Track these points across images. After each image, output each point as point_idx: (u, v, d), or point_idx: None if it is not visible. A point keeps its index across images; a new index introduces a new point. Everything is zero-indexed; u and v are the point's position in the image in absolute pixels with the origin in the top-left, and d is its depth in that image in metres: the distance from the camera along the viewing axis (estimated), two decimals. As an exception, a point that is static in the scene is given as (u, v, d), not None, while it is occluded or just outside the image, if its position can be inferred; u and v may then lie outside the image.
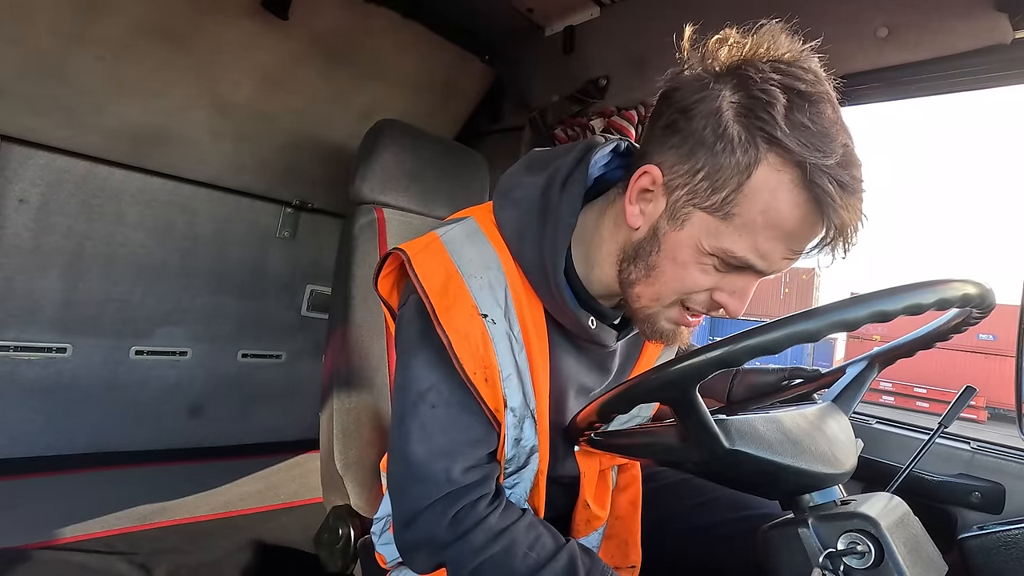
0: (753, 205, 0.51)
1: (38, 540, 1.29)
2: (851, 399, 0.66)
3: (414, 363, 0.61)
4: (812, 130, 0.48)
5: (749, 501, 0.80)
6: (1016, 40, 0.97)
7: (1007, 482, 0.99)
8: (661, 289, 0.58)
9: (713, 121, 0.51)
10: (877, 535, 0.50)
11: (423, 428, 0.59)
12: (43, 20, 1.33)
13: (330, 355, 1.08)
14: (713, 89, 0.52)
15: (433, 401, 0.59)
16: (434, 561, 0.60)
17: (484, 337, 0.59)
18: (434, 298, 0.58)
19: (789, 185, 0.50)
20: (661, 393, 0.50)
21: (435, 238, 0.63)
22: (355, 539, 0.95)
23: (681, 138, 0.54)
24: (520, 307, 0.62)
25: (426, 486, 0.58)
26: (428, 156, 1.27)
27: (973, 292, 0.51)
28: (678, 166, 0.54)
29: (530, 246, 0.61)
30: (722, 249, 0.53)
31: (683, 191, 0.54)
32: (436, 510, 0.58)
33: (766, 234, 0.52)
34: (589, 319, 0.64)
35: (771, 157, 0.50)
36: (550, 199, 0.61)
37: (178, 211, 1.87)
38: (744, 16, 0.64)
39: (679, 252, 0.55)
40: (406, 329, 0.63)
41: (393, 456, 0.62)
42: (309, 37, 1.60)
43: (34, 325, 1.68)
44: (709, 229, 0.53)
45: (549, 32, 1.73)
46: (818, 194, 0.49)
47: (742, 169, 0.50)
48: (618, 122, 1.49)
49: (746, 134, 0.50)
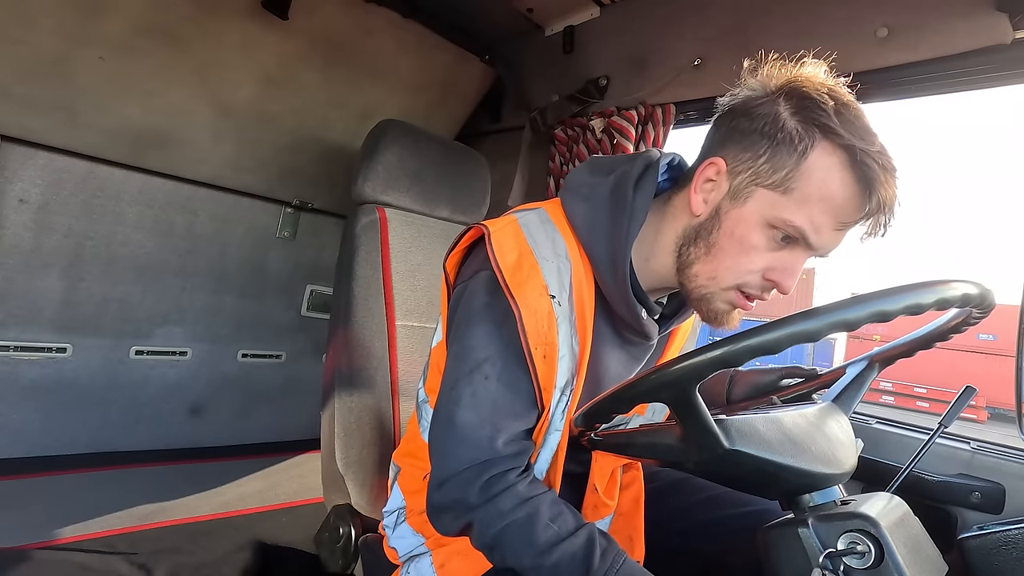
0: (809, 181, 0.59)
1: (38, 540, 1.29)
2: (851, 399, 0.66)
3: (474, 333, 0.64)
4: (856, 124, 0.58)
5: (749, 498, 0.81)
6: (1016, 40, 0.97)
7: (1007, 482, 0.99)
8: (718, 267, 0.64)
9: (772, 119, 0.60)
10: (877, 535, 0.50)
11: (474, 396, 0.62)
12: (45, 20, 1.33)
13: (331, 354, 1.08)
14: (770, 98, 0.62)
15: (487, 372, 0.63)
16: (461, 522, 0.62)
17: (550, 316, 0.63)
18: (507, 273, 0.63)
19: (839, 166, 0.58)
20: (661, 393, 0.50)
21: (513, 219, 0.68)
22: (356, 538, 0.95)
23: (742, 134, 0.62)
24: (579, 295, 0.67)
25: (467, 450, 0.61)
26: (430, 156, 1.27)
27: (973, 292, 0.51)
28: (741, 155, 0.62)
29: (601, 237, 0.67)
30: (782, 219, 0.60)
31: (746, 174, 0.62)
32: (471, 473, 0.61)
33: (820, 207, 0.59)
34: (642, 310, 0.70)
35: (824, 143, 0.58)
36: (623, 196, 0.67)
37: (178, 211, 1.87)
38: (744, 16, 0.66)
39: (738, 226, 0.62)
40: (470, 300, 0.66)
41: (439, 419, 0.65)
42: (309, 37, 1.60)
43: (34, 325, 1.68)
44: (771, 202, 0.61)
45: (549, 32, 1.73)
46: (865, 173, 0.57)
47: (800, 152, 0.59)
48: (618, 122, 1.49)
49: (802, 126, 0.59)
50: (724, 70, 1.32)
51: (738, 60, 0.67)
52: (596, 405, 0.60)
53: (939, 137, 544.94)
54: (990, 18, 0.97)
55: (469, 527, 0.62)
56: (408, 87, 1.85)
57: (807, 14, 1.18)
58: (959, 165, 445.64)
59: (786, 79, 0.62)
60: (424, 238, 1.24)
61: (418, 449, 0.80)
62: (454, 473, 0.61)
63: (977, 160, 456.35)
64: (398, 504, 0.82)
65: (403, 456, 0.84)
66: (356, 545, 0.94)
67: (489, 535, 0.60)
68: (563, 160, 1.68)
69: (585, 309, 0.68)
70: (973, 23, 0.99)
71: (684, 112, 1.46)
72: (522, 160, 1.80)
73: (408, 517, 0.79)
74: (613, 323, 0.72)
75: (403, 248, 1.19)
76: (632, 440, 0.60)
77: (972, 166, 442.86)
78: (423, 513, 0.76)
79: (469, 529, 0.63)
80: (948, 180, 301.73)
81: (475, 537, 0.62)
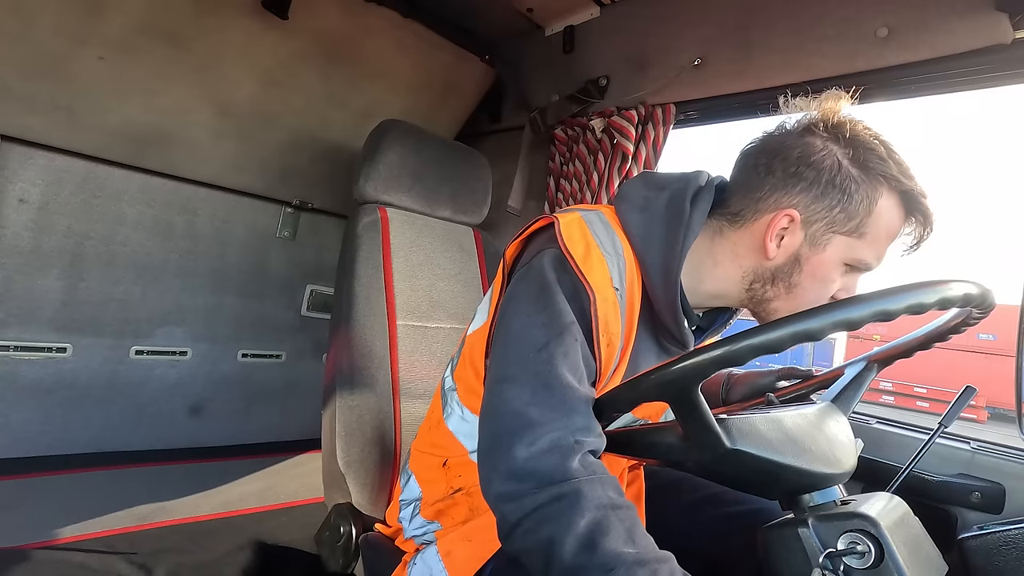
0: (879, 225, 0.67)
1: (38, 540, 1.29)
2: (850, 399, 0.66)
3: (557, 299, 0.62)
4: (903, 166, 0.66)
5: (749, 497, 0.81)
6: (1016, 40, 0.97)
7: (1007, 482, 0.99)
8: (801, 302, 0.70)
9: (837, 170, 0.66)
10: (877, 535, 0.50)
11: (567, 356, 0.60)
12: (45, 20, 1.33)
13: (332, 354, 1.08)
14: (827, 147, 0.67)
15: (575, 338, 0.61)
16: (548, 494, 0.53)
17: (616, 306, 0.66)
18: (579, 260, 0.64)
19: (898, 207, 0.68)
20: (662, 392, 0.50)
21: (577, 215, 0.70)
22: (357, 537, 0.95)
23: (809, 184, 0.67)
24: (631, 296, 0.69)
25: (565, 410, 0.57)
26: (431, 156, 1.27)
27: (974, 292, 0.51)
28: (814, 205, 0.67)
29: (656, 246, 0.70)
30: (857, 259, 0.69)
31: (822, 223, 0.68)
32: (577, 447, 0.55)
33: (886, 243, 0.69)
34: (684, 320, 0.73)
35: (886, 190, 0.66)
36: (680, 210, 0.71)
37: (178, 211, 1.87)
38: (745, 16, 0.66)
39: (819, 269, 0.69)
40: (543, 272, 0.64)
41: (522, 380, 0.59)
42: (309, 37, 1.60)
43: (34, 325, 1.68)
44: (848, 246, 0.68)
45: (549, 32, 1.73)
46: (919, 209, 0.67)
47: (871, 200, 0.66)
48: (618, 122, 1.49)
49: (866, 176, 0.66)
50: (724, 70, 1.32)
51: (738, 60, 0.68)
52: (597, 404, 0.60)
53: (939, 137, 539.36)
54: (990, 18, 0.97)
55: (558, 502, 0.53)
56: (408, 87, 1.85)
57: (807, 14, 1.18)
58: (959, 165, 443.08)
59: (833, 121, 0.68)
60: (425, 238, 1.24)
61: (440, 437, 0.79)
62: (553, 438, 0.55)
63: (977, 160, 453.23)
64: (414, 495, 0.82)
65: (423, 445, 0.84)
66: (357, 544, 0.94)
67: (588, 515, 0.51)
68: (563, 160, 1.68)
69: (634, 310, 0.70)
70: (973, 23, 0.99)
71: (684, 112, 1.46)
72: (522, 160, 1.80)
73: (423, 509, 0.79)
74: (654, 329, 0.75)
75: (404, 248, 1.19)
76: (633, 439, 0.60)
77: (972, 166, 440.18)
78: (438, 502, 0.77)
79: (556, 505, 0.53)
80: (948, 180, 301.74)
81: (565, 513, 0.52)
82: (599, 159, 1.54)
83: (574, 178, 1.62)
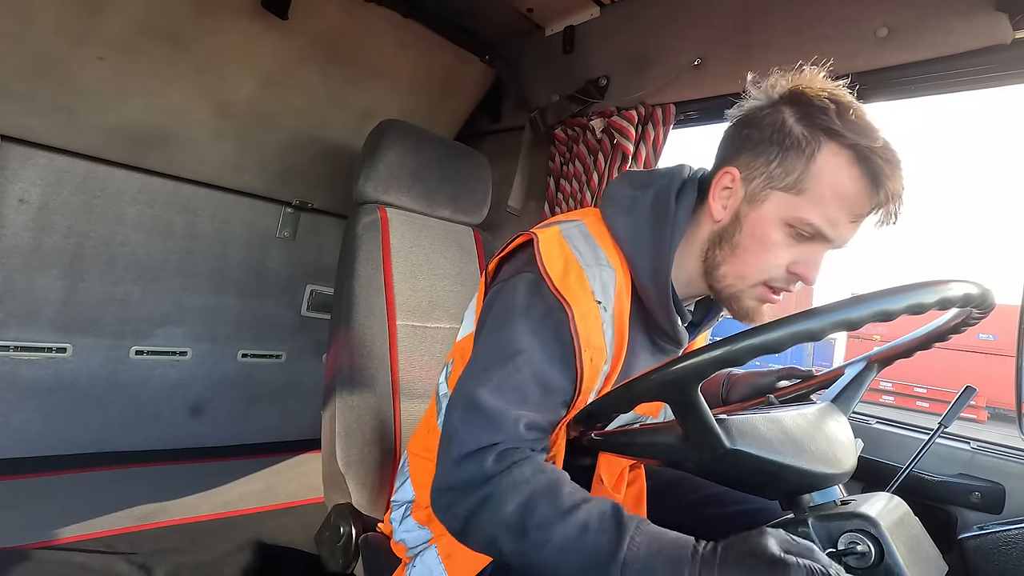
0: (820, 181, 0.63)
1: (38, 540, 1.29)
2: (850, 399, 0.66)
3: (514, 327, 0.64)
4: (859, 124, 0.62)
5: (749, 497, 0.81)
6: (1016, 40, 0.97)
7: (1007, 482, 0.99)
8: (744, 266, 0.68)
9: (779, 127, 0.65)
10: (877, 535, 0.50)
11: (504, 383, 0.62)
12: (45, 20, 1.33)
13: (332, 354, 1.08)
14: (776, 107, 0.66)
15: (521, 365, 0.62)
16: (474, 498, 0.57)
17: (597, 320, 0.66)
18: (556, 280, 0.65)
19: (847, 164, 0.62)
20: (662, 393, 0.50)
21: (556, 230, 0.70)
22: (356, 537, 0.95)
23: (753, 143, 0.67)
24: (619, 303, 0.69)
25: (488, 429, 0.59)
26: (431, 156, 1.27)
27: (974, 292, 0.51)
28: (753, 162, 0.67)
29: (644, 248, 0.70)
30: (798, 218, 0.64)
31: (760, 179, 0.66)
32: (492, 451, 0.59)
33: (833, 204, 0.63)
34: (678, 318, 0.73)
35: (830, 144, 0.62)
36: (665, 209, 0.71)
37: (178, 211, 1.87)
38: (744, 16, 0.66)
39: (758, 227, 0.67)
40: (511, 296, 0.67)
41: (461, 400, 0.63)
42: (309, 37, 1.60)
43: (34, 325, 1.68)
44: (786, 203, 0.65)
45: (549, 32, 1.73)
46: (871, 168, 0.61)
47: (808, 155, 0.63)
48: (618, 122, 1.49)
49: (808, 131, 0.63)
50: (724, 70, 1.32)
51: (738, 60, 0.68)
52: (597, 405, 0.60)
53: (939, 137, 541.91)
54: (990, 18, 0.97)
55: (484, 503, 0.57)
56: (408, 87, 1.85)
57: (807, 14, 1.18)
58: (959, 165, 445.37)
59: (788, 87, 0.66)
60: (425, 238, 1.24)
61: (433, 441, 0.79)
62: (474, 449, 0.59)
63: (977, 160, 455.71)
64: (407, 497, 0.82)
65: (418, 448, 0.84)
66: (357, 544, 0.94)
67: (511, 504, 0.55)
68: (563, 160, 1.68)
69: (624, 317, 0.70)
70: (973, 23, 0.99)
71: (684, 112, 1.46)
72: (522, 160, 1.80)
73: (414, 511, 0.79)
74: (648, 330, 0.75)
75: (404, 248, 1.19)
76: (632, 440, 0.60)
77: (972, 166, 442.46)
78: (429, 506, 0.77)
79: (484, 506, 0.57)
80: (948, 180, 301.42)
81: (492, 511, 0.56)
82: (599, 159, 1.54)
83: (574, 178, 1.62)
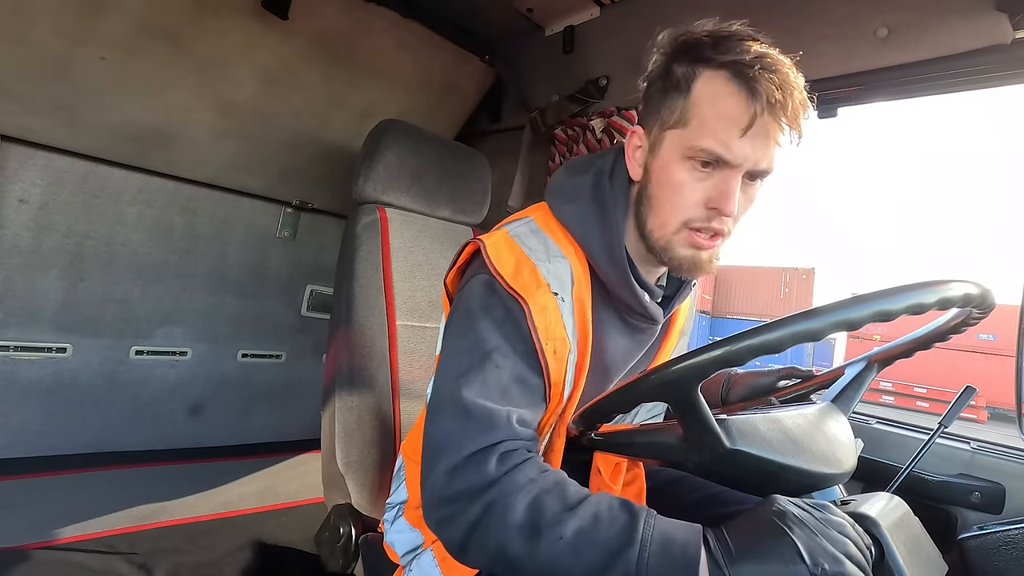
0: (700, 106, 0.63)
1: (38, 540, 1.29)
2: (850, 399, 0.66)
3: (479, 327, 0.64)
4: (733, 46, 0.62)
5: (750, 497, 0.80)
6: (1016, 40, 0.97)
7: (1007, 482, 0.99)
8: (662, 213, 0.68)
9: (664, 75, 0.67)
10: (877, 535, 0.50)
11: (486, 383, 0.61)
12: (45, 20, 1.33)
13: (332, 354, 1.08)
14: (664, 60, 0.68)
15: (498, 362, 0.62)
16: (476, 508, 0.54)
17: (557, 313, 0.65)
18: (509, 278, 0.65)
19: (722, 83, 0.63)
20: (662, 393, 0.50)
21: (503, 231, 0.71)
22: (356, 537, 0.95)
23: (648, 99, 0.70)
24: (579, 291, 0.69)
25: (482, 431, 0.57)
26: (431, 156, 1.27)
27: (974, 292, 0.51)
28: (650, 116, 0.69)
29: (594, 231, 0.71)
30: (691, 147, 0.64)
31: (655, 127, 0.68)
32: (487, 452, 0.56)
33: (718, 124, 0.62)
34: (645, 295, 0.73)
35: (705, 71, 0.64)
36: (603, 190, 0.72)
37: (178, 211, 1.87)
38: (744, 16, 0.66)
39: (663, 171, 0.67)
40: (470, 301, 0.67)
41: (443, 408, 0.61)
42: (309, 37, 1.60)
43: (34, 325, 1.68)
44: (679, 138, 0.65)
45: (549, 32, 1.73)
46: (743, 78, 0.61)
47: (685, 87, 0.64)
48: (618, 122, 1.49)
49: (686, 67, 0.65)
50: (724, 70, 1.32)
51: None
52: (596, 405, 0.60)
53: (939, 137, 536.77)
54: (990, 18, 0.97)
55: (490, 509, 0.54)
56: (408, 87, 1.85)
57: (806, 13, 1.18)
58: (959, 165, 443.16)
59: (673, 37, 0.68)
60: (425, 238, 1.24)
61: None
62: (469, 454, 0.56)
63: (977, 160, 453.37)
64: (401, 498, 0.82)
65: (411, 452, 0.84)
66: (356, 544, 0.94)
67: (520, 505, 0.53)
68: (563, 160, 1.68)
69: (584, 305, 0.69)
70: (973, 23, 0.99)
71: (684, 112, 1.46)
72: (522, 160, 1.80)
73: (406, 512, 0.79)
74: (617, 311, 0.74)
75: (404, 248, 1.19)
76: (632, 440, 0.60)
77: (972, 166, 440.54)
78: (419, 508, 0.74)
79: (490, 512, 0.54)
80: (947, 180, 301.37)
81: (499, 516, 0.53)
82: (599, 159, 1.54)
83: (574, 178, 1.62)
